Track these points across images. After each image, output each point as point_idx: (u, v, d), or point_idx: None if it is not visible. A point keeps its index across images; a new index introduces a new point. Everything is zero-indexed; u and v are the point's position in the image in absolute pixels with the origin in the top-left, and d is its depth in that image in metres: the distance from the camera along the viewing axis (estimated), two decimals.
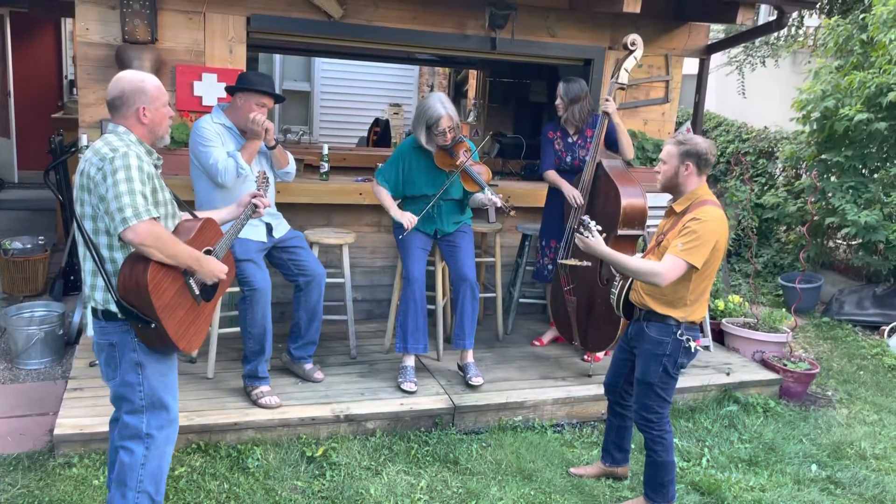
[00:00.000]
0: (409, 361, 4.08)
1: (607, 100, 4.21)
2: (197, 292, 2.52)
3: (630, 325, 3.23)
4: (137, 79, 2.44)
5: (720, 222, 2.94)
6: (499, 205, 3.89)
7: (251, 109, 3.54)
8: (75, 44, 4.29)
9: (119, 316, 2.39)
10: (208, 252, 2.58)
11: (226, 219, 2.86)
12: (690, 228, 2.90)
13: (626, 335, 3.25)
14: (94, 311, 2.46)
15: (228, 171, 3.47)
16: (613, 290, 3.23)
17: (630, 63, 4.24)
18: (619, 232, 4.06)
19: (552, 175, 4.48)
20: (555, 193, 4.55)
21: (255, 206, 2.88)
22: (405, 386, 3.95)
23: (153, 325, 2.33)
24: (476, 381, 4.04)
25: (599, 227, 3.06)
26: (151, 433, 2.52)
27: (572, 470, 3.54)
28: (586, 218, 3.08)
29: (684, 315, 3.01)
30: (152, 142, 2.50)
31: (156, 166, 2.48)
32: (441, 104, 3.87)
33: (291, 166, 3.86)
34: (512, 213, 3.92)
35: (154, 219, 2.30)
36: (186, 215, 2.65)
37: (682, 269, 2.89)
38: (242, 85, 3.57)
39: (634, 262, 2.99)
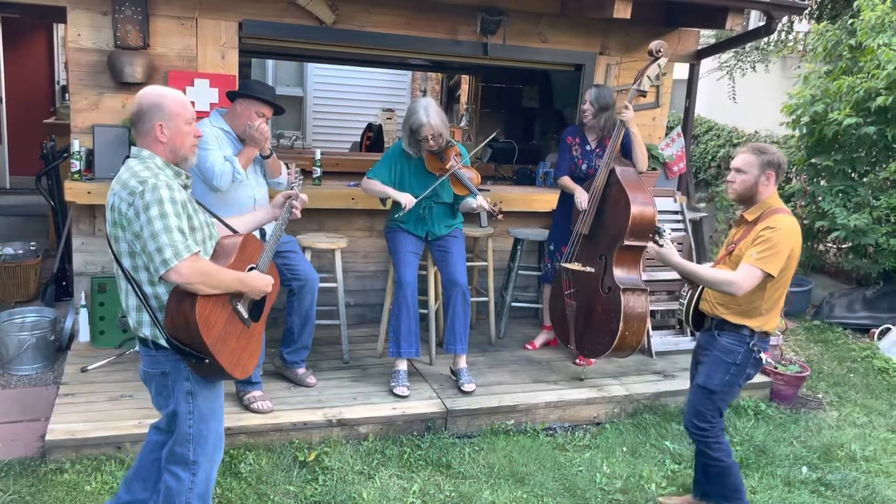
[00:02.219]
0: (402, 366, 4.08)
1: (626, 107, 4.14)
2: (245, 316, 2.45)
3: (699, 335, 3.19)
4: (156, 94, 2.31)
5: (794, 230, 2.91)
6: (486, 209, 3.90)
7: (250, 117, 3.54)
8: (67, 49, 4.28)
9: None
10: (251, 269, 2.49)
11: (261, 220, 2.79)
12: (765, 237, 2.87)
13: (694, 354, 3.20)
14: (144, 340, 2.38)
15: (225, 174, 3.47)
16: (682, 300, 3.18)
17: (654, 70, 4.17)
18: (626, 242, 4.05)
19: (566, 181, 4.46)
20: (566, 199, 4.54)
21: (293, 206, 2.74)
22: (398, 390, 3.96)
23: (207, 361, 2.27)
24: (468, 387, 4.05)
25: (673, 236, 3.01)
26: (198, 461, 2.47)
27: (660, 500, 3.40)
28: (661, 225, 3.04)
29: (759, 324, 2.97)
30: (176, 162, 2.35)
31: (185, 187, 2.37)
32: (425, 112, 3.85)
33: (283, 176, 3.86)
34: (500, 216, 3.92)
35: (195, 254, 2.21)
36: (224, 230, 2.57)
37: (758, 279, 2.85)
38: (245, 92, 3.58)
39: (708, 271, 2.95)
